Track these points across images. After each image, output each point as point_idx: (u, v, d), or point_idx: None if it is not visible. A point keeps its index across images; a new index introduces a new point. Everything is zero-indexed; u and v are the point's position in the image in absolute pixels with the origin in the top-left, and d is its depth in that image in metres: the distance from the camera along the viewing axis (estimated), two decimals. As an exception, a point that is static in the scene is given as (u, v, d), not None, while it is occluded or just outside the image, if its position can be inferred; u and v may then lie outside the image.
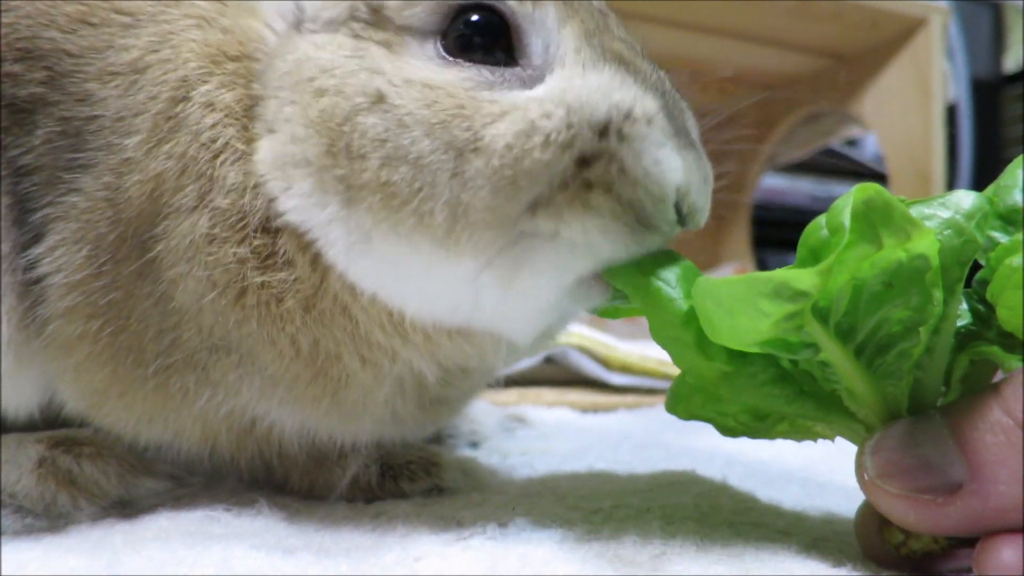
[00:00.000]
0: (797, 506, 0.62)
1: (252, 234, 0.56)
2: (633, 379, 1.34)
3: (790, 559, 0.50)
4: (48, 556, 0.52)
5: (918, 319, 0.45)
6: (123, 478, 0.65)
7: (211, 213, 0.56)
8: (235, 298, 0.57)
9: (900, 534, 0.48)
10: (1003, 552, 0.42)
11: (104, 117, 0.58)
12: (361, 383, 0.59)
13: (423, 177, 0.51)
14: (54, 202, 0.58)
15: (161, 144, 0.56)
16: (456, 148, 0.50)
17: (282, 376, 0.59)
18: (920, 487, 0.45)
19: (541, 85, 0.53)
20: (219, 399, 0.60)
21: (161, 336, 0.58)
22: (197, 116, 0.57)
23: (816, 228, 0.44)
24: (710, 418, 0.55)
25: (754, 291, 0.43)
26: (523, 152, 0.50)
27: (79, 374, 0.60)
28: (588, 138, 0.51)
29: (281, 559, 0.49)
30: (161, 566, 0.48)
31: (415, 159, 0.51)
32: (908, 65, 1.81)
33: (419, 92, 0.51)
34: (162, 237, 0.57)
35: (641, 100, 0.53)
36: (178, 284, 0.57)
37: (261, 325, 0.57)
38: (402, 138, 0.51)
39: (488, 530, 0.54)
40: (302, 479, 0.67)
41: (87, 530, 0.59)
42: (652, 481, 0.67)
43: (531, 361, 1.32)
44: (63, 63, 0.58)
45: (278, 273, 0.57)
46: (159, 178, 0.56)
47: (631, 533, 0.53)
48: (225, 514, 0.58)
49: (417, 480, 0.66)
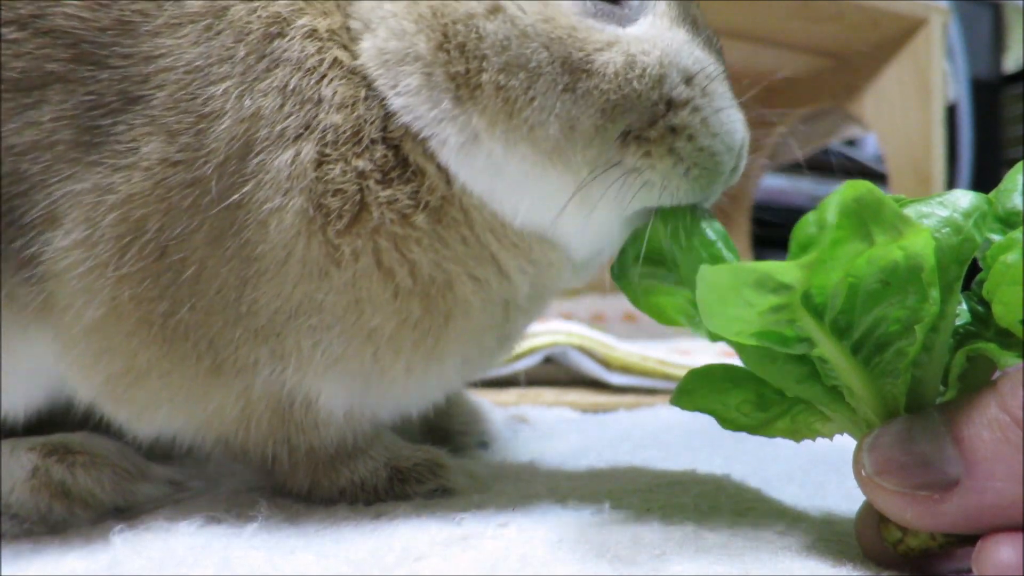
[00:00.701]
0: (797, 506, 0.62)
1: (371, 145, 0.57)
2: (633, 379, 1.34)
3: (790, 559, 0.50)
4: (48, 557, 0.52)
5: (915, 318, 0.46)
6: (119, 486, 0.64)
7: (320, 135, 0.55)
8: (348, 224, 0.56)
9: (898, 531, 0.48)
10: (1002, 551, 0.42)
11: (171, 70, 0.55)
12: (468, 311, 0.60)
13: (539, 86, 0.55)
14: (74, 176, 0.55)
15: (255, 83, 0.55)
16: (570, 65, 0.54)
17: (386, 323, 0.58)
18: (917, 483, 0.44)
19: (634, 26, 0.58)
20: (284, 374, 0.58)
21: (233, 305, 0.56)
22: (297, 48, 0.56)
23: (805, 224, 0.44)
24: (712, 409, 0.55)
25: (740, 280, 0.43)
26: (625, 80, 0.55)
27: (109, 359, 0.58)
28: (677, 81, 0.56)
29: (281, 559, 0.49)
30: (161, 566, 0.48)
31: (534, 68, 0.54)
32: (908, 65, 1.81)
33: (538, 8, 0.55)
34: (252, 176, 0.55)
35: (713, 63, 0.59)
36: (268, 224, 0.55)
37: (380, 253, 0.57)
38: (524, 47, 0.54)
39: (488, 530, 0.54)
40: (305, 478, 0.66)
41: (87, 530, 0.59)
42: (652, 481, 0.67)
43: (531, 361, 1.33)
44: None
45: (406, 185, 0.57)
46: (253, 118, 0.55)
47: (631, 533, 0.53)
48: (225, 514, 0.58)
49: (423, 482, 0.66)
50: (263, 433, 0.62)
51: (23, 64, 0.55)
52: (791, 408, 0.54)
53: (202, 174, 0.54)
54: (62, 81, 0.55)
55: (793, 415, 0.54)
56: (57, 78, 0.55)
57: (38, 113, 0.54)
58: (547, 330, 1.34)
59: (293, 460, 0.65)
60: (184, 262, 0.55)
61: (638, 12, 0.59)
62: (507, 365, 1.31)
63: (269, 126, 0.55)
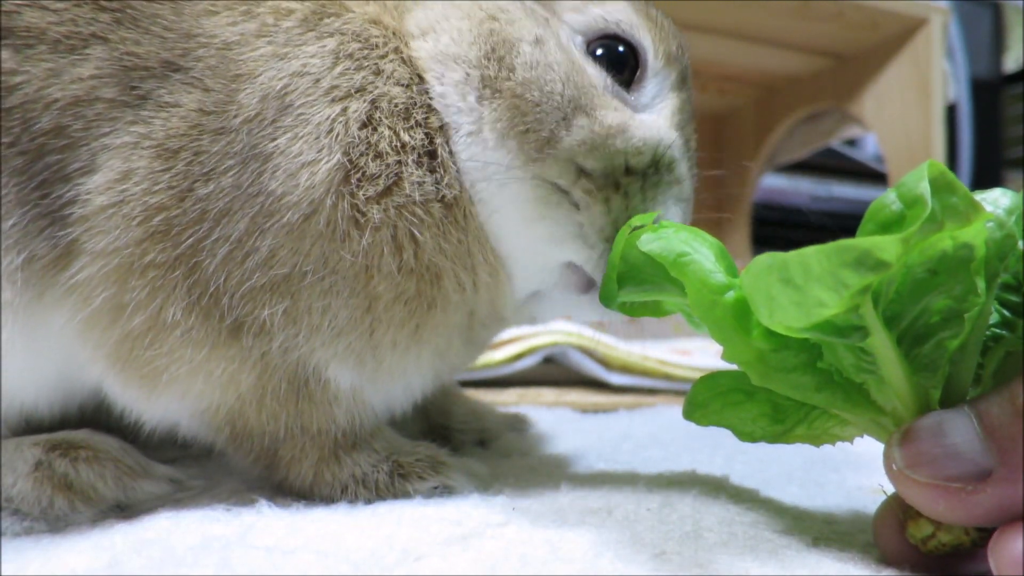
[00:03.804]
0: (797, 506, 0.62)
1: (415, 126, 0.63)
2: (633, 379, 1.34)
3: (790, 558, 0.50)
4: (48, 556, 0.52)
5: (960, 308, 0.45)
6: (120, 481, 0.65)
7: (372, 99, 0.62)
8: (381, 193, 0.61)
9: (929, 526, 0.47)
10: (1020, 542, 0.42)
11: (208, 46, 0.60)
12: (447, 306, 0.65)
13: (544, 105, 0.63)
14: (116, 131, 0.58)
15: (301, 47, 0.61)
16: (575, 103, 0.64)
17: (383, 293, 0.61)
18: (949, 475, 0.44)
19: (641, 115, 0.68)
20: (296, 340, 0.61)
21: (256, 253, 0.58)
22: (358, 25, 0.64)
23: (883, 205, 0.43)
24: (729, 424, 0.55)
25: (837, 260, 0.41)
26: (613, 137, 0.64)
27: (133, 311, 0.58)
28: (646, 161, 0.65)
29: (281, 559, 0.49)
30: (161, 566, 0.48)
31: (548, 91, 0.63)
32: (908, 65, 1.81)
33: (567, 57, 0.65)
34: (289, 128, 0.59)
35: (681, 160, 0.68)
36: (299, 176, 0.58)
37: (397, 228, 0.61)
38: (547, 73, 0.64)
39: (488, 530, 0.54)
40: (309, 469, 0.66)
41: (87, 530, 0.59)
42: (652, 481, 0.67)
43: (531, 361, 1.33)
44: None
45: (432, 174, 0.63)
46: (294, 75, 0.60)
47: (631, 533, 0.53)
48: (225, 514, 0.58)
49: (425, 479, 0.66)
50: (276, 407, 0.63)
51: (64, 28, 0.59)
52: (808, 415, 0.54)
53: (231, 126, 0.58)
54: (103, 41, 0.59)
55: (810, 422, 0.54)
56: (98, 39, 0.59)
57: (79, 71, 0.58)
58: (547, 330, 1.34)
59: (300, 443, 0.65)
60: (209, 199, 0.58)
61: (647, 107, 0.69)
62: (507, 365, 1.31)
63: (314, 83, 0.60)
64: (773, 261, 0.44)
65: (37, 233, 0.58)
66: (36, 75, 0.58)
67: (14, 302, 0.58)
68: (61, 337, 0.61)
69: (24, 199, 0.58)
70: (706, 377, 0.56)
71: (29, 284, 0.59)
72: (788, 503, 0.63)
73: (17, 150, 0.57)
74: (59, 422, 0.69)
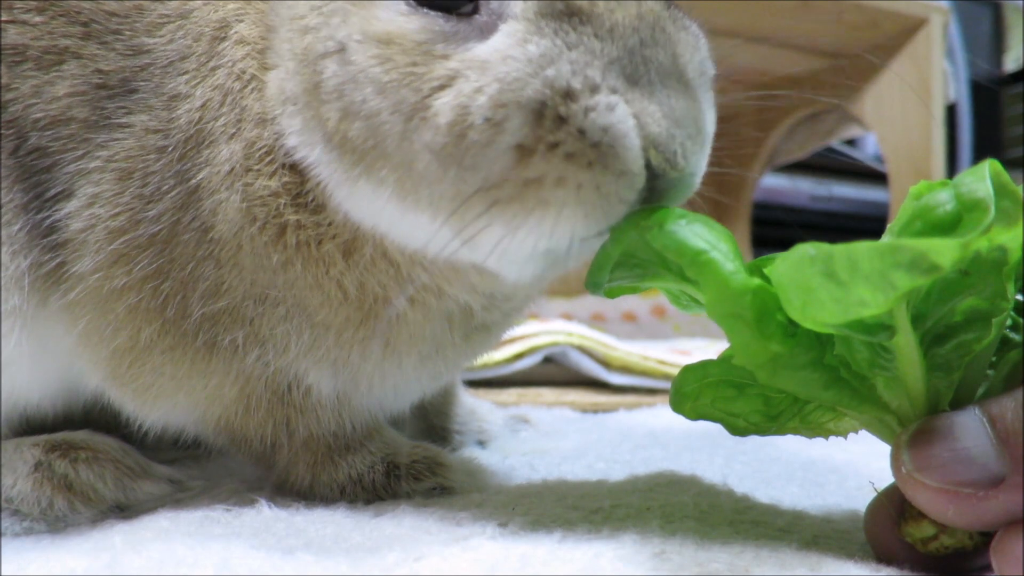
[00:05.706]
0: (797, 505, 0.62)
1: (280, 169, 0.58)
2: (633, 379, 1.34)
3: (789, 557, 0.50)
4: (48, 556, 0.52)
5: (987, 311, 0.44)
6: (120, 482, 0.65)
7: (244, 143, 0.58)
8: (275, 236, 0.58)
9: (932, 528, 0.47)
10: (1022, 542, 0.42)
11: (153, 65, 0.59)
12: (410, 322, 0.60)
13: (376, 136, 0.51)
14: (88, 154, 0.58)
15: (205, 79, 0.59)
16: (404, 113, 0.49)
17: (332, 321, 0.59)
18: (960, 480, 0.44)
19: (493, 36, 0.49)
20: (268, 357, 0.60)
21: (204, 280, 0.58)
22: (232, 52, 0.60)
23: (935, 204, 0.41)
24: (719, 418, 0.54)
25: (890, 260, 0.39)
26: (463, 131, 0.48)
27: (114, 331, 0.59)
28: (519, 124, 0.47)
29: (281, 559, 0.49)
30: (161, 566, 0.48)
31: (366, 116, 0.51)
32: (908, 65, 1.81)
33: (375, 49, 0.50)
34: (204, 164, 0.58)
35: (582, 69, 0.47)
36: (218, 213, 0.58)
37: (305, 268, 0.58)
38: (355, 94, 0.51)
39: (488, 530, 0.54)
40: (306, 472, 0.66)
41: (87, 530, 0.59)
42: (652, 481, 0.67)
43: (531, 361, 1.33)
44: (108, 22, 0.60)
45: (312, 216, 0.58)
46: (204, 107, 0.58)
47: (631, 533, 0.53)
48: (225, 514, 0.58)
49: (422, 479, 0.66)
50: (263, 415, 0.63)
51: (43, 43, 0.59)
52: (801, 409, 0.53)
53: (170, 143, 0.58)
54: (77, 57, 0.59)
55: (803, 416, 0.53)
56: (72, 54, 0.59)
57: (56, 89, 0.58)
58: (547, 330, 1.34)
59: (292, 448, 0.65)
60: (157, 222, 0.58)
61: (497, 16, 0.50)
62: (507, 365, 1.31)
63: (214, 119, 0.58)
64: (818, 253, 0.42)
65: (40, 239, 0.59)
66: (24, 92, 0.58)
67: (22, 306, 0.59)
68: (63, 344, 0.62)
69: (26, 206, 0.59)
70: (692, 366, 0.54)
71: (35, 289, 0.60)
72: (788, 502, 0.63)
73: (15, 161, 0.59)
74: (63, 421, 0.69)
